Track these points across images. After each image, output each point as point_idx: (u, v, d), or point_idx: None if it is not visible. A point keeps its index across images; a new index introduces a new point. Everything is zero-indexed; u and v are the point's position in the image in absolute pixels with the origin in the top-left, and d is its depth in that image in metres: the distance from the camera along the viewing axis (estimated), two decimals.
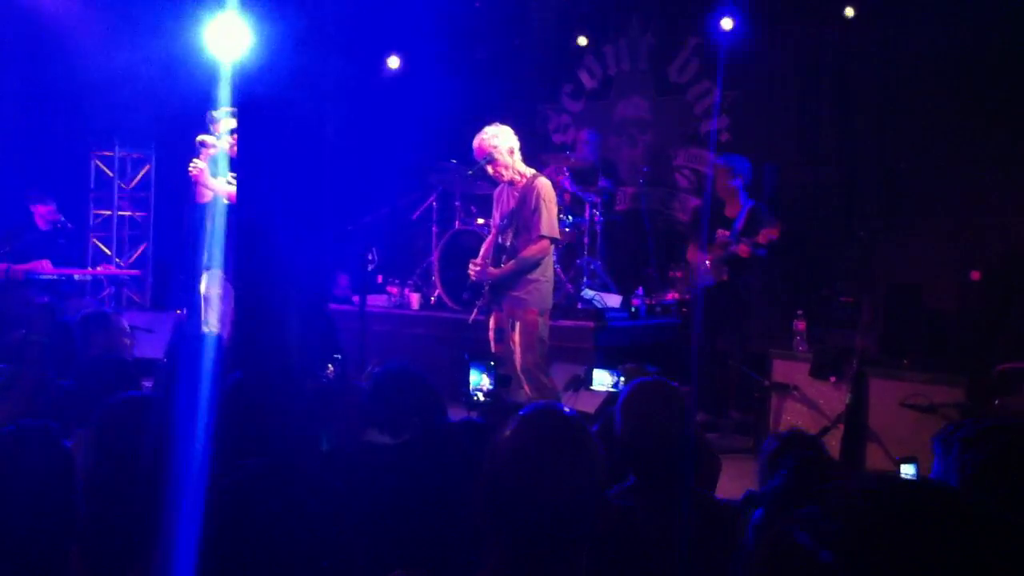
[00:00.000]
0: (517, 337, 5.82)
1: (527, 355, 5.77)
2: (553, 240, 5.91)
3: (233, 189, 6.60)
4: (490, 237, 6.21)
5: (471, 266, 6.06)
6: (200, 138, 6.88)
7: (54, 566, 2.01)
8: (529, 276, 5.83)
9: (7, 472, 2.01)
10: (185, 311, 8.35)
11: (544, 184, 5.91)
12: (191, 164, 6.74)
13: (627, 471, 2.77)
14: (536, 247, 5.81)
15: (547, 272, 5.93)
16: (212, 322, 6.56)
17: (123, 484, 2.23)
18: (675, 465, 2.70)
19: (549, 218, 5.81)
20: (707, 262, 6.93)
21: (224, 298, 6.55)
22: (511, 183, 5.98)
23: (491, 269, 5.91)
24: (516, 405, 4.40)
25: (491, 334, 6.01)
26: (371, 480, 2.50)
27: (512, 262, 5.84)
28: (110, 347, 4.15)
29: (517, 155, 5.96)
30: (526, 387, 5.75)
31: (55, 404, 3.18)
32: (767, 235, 6.54)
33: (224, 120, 6.69)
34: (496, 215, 6.15)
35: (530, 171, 6.00)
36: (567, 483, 1.70)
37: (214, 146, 6.80)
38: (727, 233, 6.86)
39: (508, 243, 5.93)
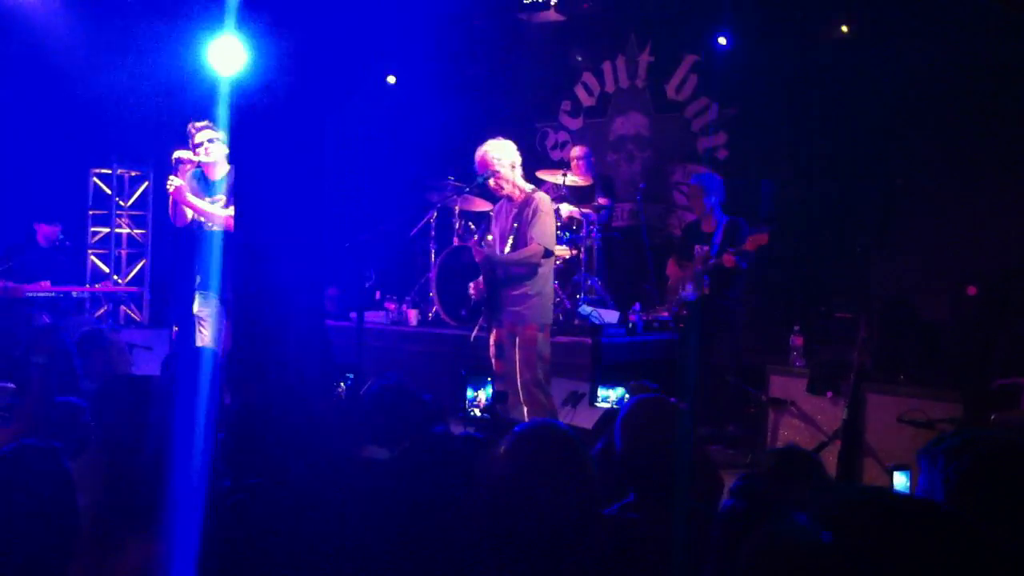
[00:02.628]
0: (517, 353, 5.82)
1: (526, 371, 5.76)
2: (548, 251, 5.88)
3: (215, 208, 6.57)
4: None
5: (472, 286, 6.08)
6: (177, 155, 6.75)
7: None
8: (528, 291, 5.83)
9: (9, 491, 2.02)
10: (178, 328, 8.36)
11: (542, 198, 5.93)
12: (168, 181, 6.57)
13: (627, 488, 2.77)
14: (532, 248, 5.80)
15: (546, 288, 5.93)
16: (207, 341, 6.54)
17: (124, 502, 2.23)
18: (674, 481, 2.70)
19: (543, 229, 5.83)
20: (687, 277, 6.99)
21: (217, 317, 6.50)
22: (509, 198, 5.99)
23: (500, 254, 5.87)
24: (512, 422, 4.41)
25: (492, 350, 6.01)
26: (369, 496, 2.50)
27: (518, 251, 5.82)
28: (108, 365, 4.16)
29: (518, 170, 5.98)
30: (524, 403, 5.74)
31: (57, 424, 3.18)
32: (756, 241, 6.56)
33: (200, 134, 6.57)
34: (495, 231, 6.16)
35: (529, 186, 6.02)
36: (561, 499, 1.70)
37: (191, 162, 6.69)
38: (706, 248, 6.90)
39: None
